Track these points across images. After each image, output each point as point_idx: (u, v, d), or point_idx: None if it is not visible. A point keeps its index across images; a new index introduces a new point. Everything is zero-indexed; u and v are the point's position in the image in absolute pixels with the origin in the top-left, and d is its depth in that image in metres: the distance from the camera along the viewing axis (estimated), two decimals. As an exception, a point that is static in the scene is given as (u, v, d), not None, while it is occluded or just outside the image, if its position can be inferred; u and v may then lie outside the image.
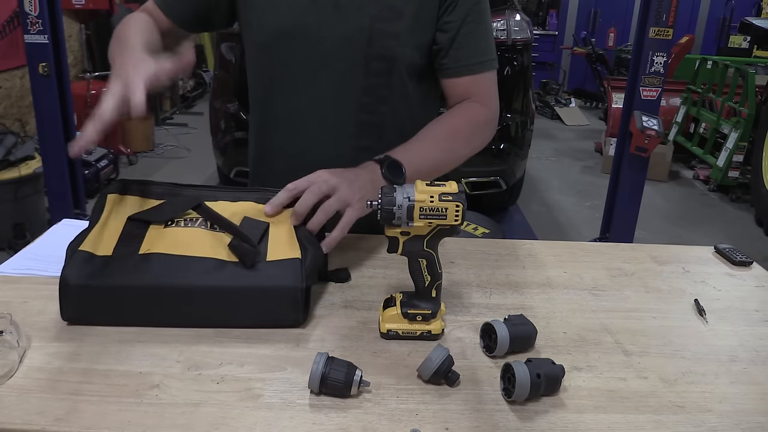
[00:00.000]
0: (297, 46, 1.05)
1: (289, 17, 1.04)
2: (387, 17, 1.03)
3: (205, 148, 4.28)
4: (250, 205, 0.89)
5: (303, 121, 1.10)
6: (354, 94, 1.08)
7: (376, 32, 1.04)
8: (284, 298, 0.79)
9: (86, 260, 0.78)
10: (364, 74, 1.06)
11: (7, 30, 4.03)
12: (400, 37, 1.04)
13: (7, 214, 3.17)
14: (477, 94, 1.11)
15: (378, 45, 1.04)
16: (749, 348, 0.82)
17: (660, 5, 2.53)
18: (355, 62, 1.05)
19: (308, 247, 0.84)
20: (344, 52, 1.05)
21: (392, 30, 1.04)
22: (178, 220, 0.84)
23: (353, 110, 1.08)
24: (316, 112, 1.09)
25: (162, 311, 0.78)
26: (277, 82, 1.11)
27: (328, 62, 1.05)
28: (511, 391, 0.67)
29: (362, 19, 1.03)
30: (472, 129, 1.10)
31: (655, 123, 2.65)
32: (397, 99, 1.10)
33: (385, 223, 0.76)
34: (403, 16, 1.04)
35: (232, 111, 3.40)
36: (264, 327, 0.80)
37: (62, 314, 0.78)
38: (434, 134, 1.06)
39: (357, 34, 1.03)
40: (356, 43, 1.04)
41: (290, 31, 1.05)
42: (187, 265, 0.79)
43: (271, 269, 0.80)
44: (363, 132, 1.10)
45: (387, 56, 1.05)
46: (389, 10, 1.03)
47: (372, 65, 1.06)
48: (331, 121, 1.09)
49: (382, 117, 1.10)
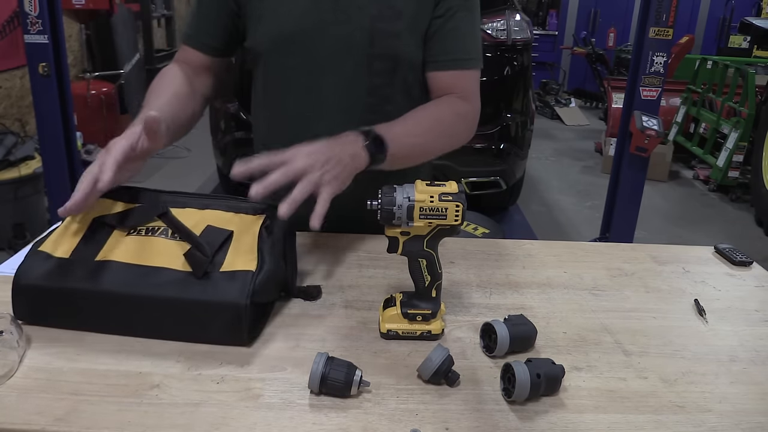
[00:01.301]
0: (300, 50, 1.06)
1: (291, 22, 1.04)
2: (387, 17, 1.04)
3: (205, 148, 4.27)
4: (217, 213, 0.85)
5: (309, 124, 1.10)
6: (359, 95, 1.08)
7: (377, 32, 1.04)
8: (225, 314, 0.75)
9: (43, 260, 0.78)
10: (368, 74, 1.07)
11: (7, 30, 4.03)
12: (402, 36, 1.05)
13: (7, 214, 3.17)
14: (461, 90, 1.11)
15: (381, 45, 1.05)
16: (749, 348, 0.82)
17: (660, 5, 2.53)
18: (360, 63, 1.06)
19: (267, 259, 0.80)
20: (348, 54, 1.05)
21: (393, 29, 1.04)
22: (140, 228, 0.82)
23: (359, 111, 1.09)
24: (322, 114, 1.09)
25: (108, 319, 0.77)
26: (283, 86, 1.11)
27: (333, 64, 1.06)
28: (511, 391, 0.67)
29: (363, 20, 1.03)
30: (455, 121, 1.10)
31: (655, 123, 2.64)
32: (401, 98, 1.10)
33: (385, 223, 0.76)
34: (402, 15, 1.04)
35: (232, 111, 3.39)
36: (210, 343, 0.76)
37: (14, 312, 0.77)
38: (419, 119, 1.06)
39: (359, 34, 1.04)
40: (359, 43, 1.04)
41: (292, 36, 1.05)
42: (139, 275, 0.77)
43: (221, 281, 0.76)
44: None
45: (390, 55, 1.06)
46: (389, 10, 1.04)
47: (376, 65, 1.06)
48: (338, 122, 1.08)
49: (387, 116, 1.09)
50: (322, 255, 1.04)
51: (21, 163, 3.21)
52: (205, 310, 0.75)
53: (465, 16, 1.08)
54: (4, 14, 3.95)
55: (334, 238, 1.10)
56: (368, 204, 0.76)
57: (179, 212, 0.83)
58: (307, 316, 0.85)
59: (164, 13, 6.81)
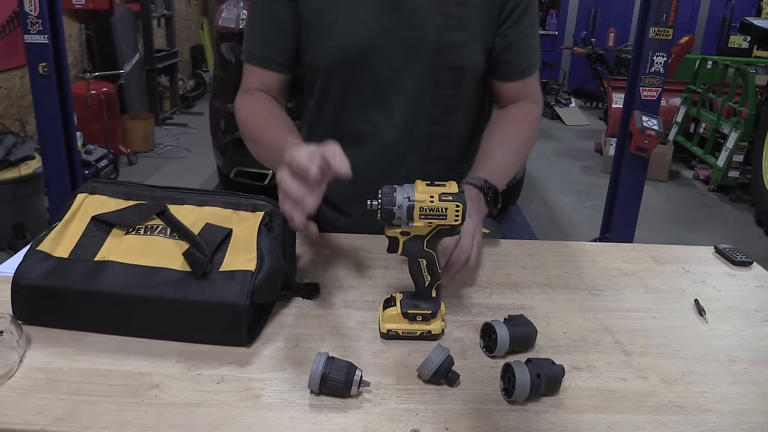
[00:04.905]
0: (364, 65, 1.04)
1: (354, 36, 1.03)
2: (452, 27, 1.03)
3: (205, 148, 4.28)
4: (216, 210, 0.84)
5: (373, 136, 1.10)
6: (425, 107, 1.07)
7: (443, 43, 1.03)
8: (224, 315, 0.75)
9: (42, 260, 0.78)
10: (434, 86, 1.06)
11: (7, 30, 4.02)
12: (467, 46, 1.04)
13: (7, 214, 3.17)
14: (528, 94, 1.14)
15: (447, 56, 1.04)
16: (749, 348, 0.82)
17: (660, 5, 2.53)
18: (425, 74, 1.05)
19: (267, 258, 0.79)
20: (413, 66, 1.04)
21: (459, 39, 1.04)
22: (139, 227, 0.82)
23: (424, 122, 1.08)
24: (386, 126, 1.08)
25: (107, 319, 0.77)
26: (345, 100, 1.09)
27: (398, 77, 1.05)
28: (511, 391, 0.67)
29: (428, 31, 1.02)
30: (534, 131, 1.14)
31: (655, 123, 2.64)
32: (464, 107, 1.10)
33: (385, 223, 0.76)
34: (467, 25, 1.03)
35: (232, 111, 3.39)
36: (210, 343, 0.76)
37: (14, 312, 0.77)
38: (511, 145, 1.09)
39: (424, 46, 1.03)
40: (424, 55, 1.03)
41: (356, 51, 1.03)
42: (138, 275, 0.76)
43: (220, 281, 0.76)
44: (433, 143, 1.11)
45: (457, 66, 1.05)
46: (454, 20, 1.03)
47: (442, 76, 1.05)
48: (402, 134, 1.09)
49: (451, 126, 1.11)
50: (322, 255, 1.04)
51: (21, 163, 3.21)
52: (205, 310, 0.75)
53: (528, 20, 1.08)
54: (4, 14, 3.95)
55: (334, 238, 1.10)
56: (368, 204, 0.76)
57: (177, 209, 0.83)
58: (307, 316, 0.85)
59: (164, 13, 6.81)
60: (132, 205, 0.84)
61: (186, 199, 0.85)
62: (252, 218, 0.83)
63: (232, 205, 0.84)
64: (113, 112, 4.78)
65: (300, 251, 1.00)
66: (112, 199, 0.85)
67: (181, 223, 0.81)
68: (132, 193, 0.85)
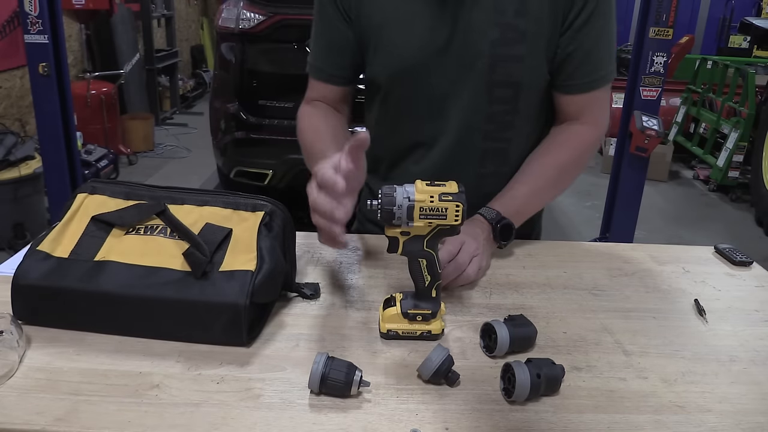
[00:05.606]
0: (419, 81, 1.03)
1: (409, 53, 1.02)
2: (509, 39, 0.98)
3: (205, 148, 4.28)
4: (216, 210, 0.84)
5: (429, 149, 1.09)
6: (479, 123, 1.05)
7: (498, 58, 0.99)
8: (224, 315, 0.75)
9: (42, 260, 0.78)
10: (488, 102, 1.03)
11: (7, 30, 4.03)
12: (525, 59, 1.00)
13: (7, 214, 3.17)
14: (589, 112, 1.07)
15: (502, 71, 1.00)
16: (749, 348, 0.82)
17: (660, 5, 2.53)
18: (479, 90, 1.02)
19: (266, 258, 0.79)
20: (469, 81, 1.02)
21: (515, 53, 0.99)
22: (139, 227, 0.82)
23: (478, 138, 1.06)
24: (440, 142, 1.07)
25: (107, 319, 0.77)
26: (401, 115, 1.09)
27: (454, 90, 1.03)
28: (511, 391, 0.67)
29: (483, 46, 0.99)
30: (578, 159, 1.08)
31: (655, 123, 2.64)
32: (521, 122, 1.07)
33: (385, 223, 0.76)
34: (525, 37, 0.98)
35: (232, 111, 3.39)
36: (209, 343, 0.76)
37: (14, 312, 0.77)
38: (543, 174, 1.05)
39: (479, 61, 1.00)
40: (478, 70, 1.00)
41: (411, 68, 1.03)
42: (138, 275, 0.76)
43: (220, 281, 0.76)
44: (487, 159, 1.09)
45: (512, 82, 1.02)
46: (512, 32, 0.98)
47: (496, 92, 1.02)
48: (456, 150, 1.07)
49: (506, 143, 1.08)
50: (322, 255, 1.04)
51: (21, 163, 3.21)
52: (205, 310, 0.75)
53: (600, 21, 0.99)
54: (4, 14, 3.95)
55: (334, 238, 1.10)
56: (368, 204, 0.76)
57: (177, 209, 0.83)
58: (307, 316, 0.85)
59: (164, 13, 6.82)
60: (132, 205, 0.84)
61: (186, 199, 0.85)
62: (252, 218, 0.83)
63: (232, 205, 0.85)
64: (113, 112, 4.79)
65: (300, 251, 1.00)
66: (112, 199, 0.85)
67: (181, 223, 0.81)
68: (132, 193, 0.85)
